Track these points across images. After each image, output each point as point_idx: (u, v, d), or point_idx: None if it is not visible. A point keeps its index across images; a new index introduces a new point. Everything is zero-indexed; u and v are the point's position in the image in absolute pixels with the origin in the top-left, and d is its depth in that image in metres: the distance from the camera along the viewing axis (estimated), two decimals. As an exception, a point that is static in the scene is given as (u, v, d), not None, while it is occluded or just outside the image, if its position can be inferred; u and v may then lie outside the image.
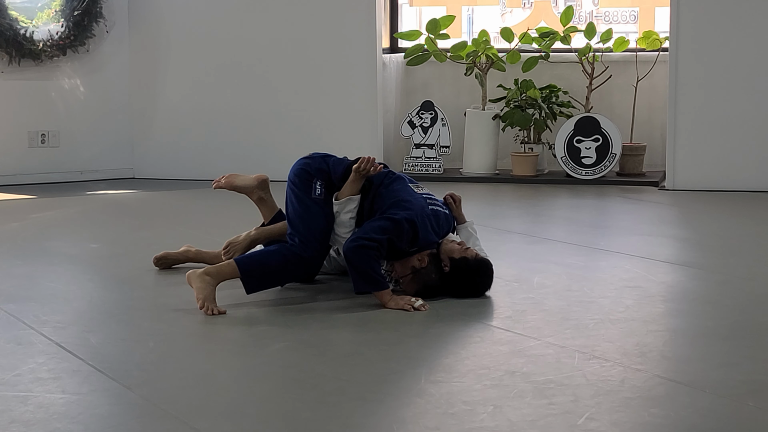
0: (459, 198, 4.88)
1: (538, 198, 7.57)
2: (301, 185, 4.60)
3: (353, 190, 4.55)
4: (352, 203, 4.54)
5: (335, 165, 4.65)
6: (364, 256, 4.35)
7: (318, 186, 4.58)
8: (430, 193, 4.74)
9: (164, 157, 8.58)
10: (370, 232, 4.40)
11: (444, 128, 8.49)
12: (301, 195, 4.58)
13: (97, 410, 3.25)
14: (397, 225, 4.40)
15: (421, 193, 4.66)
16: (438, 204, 4.70)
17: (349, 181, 4.56)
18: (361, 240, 4.37)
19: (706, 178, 7.74)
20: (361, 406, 3.27)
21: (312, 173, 4.61)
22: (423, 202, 4.59)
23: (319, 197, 4.57)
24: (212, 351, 3.93)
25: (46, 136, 8.33)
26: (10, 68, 8.07)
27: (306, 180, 4.60)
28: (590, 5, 9.41)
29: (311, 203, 4.56)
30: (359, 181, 4.56)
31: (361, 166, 4.52)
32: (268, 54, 8.37)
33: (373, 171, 4.55)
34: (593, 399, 3.28)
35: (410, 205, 4.50)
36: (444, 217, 4.67)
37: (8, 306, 4.45)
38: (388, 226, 4.40)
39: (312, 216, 4.54)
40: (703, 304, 4.54)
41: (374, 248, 4.36)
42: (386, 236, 4.38)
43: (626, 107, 8.44)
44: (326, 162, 4.66)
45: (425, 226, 4.49)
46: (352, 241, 4.39)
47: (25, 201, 7.52)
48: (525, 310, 4.37)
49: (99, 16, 8.28)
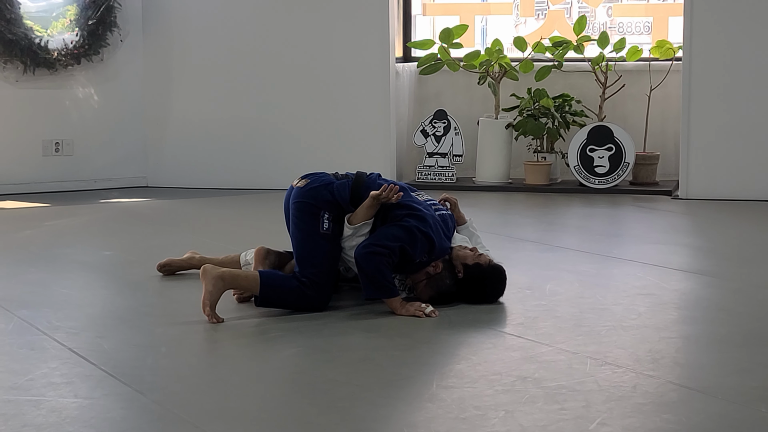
0: (455, 200, 4.86)
1: (551, 207, 7.57)
2: (309, 220, 4.47)
3: (368, 215, 4.47)
4: (367, 227, 4.48)
5: (339, 191, 4.51)
6: (376, 262, 4.34)
7: (326, 220, 4.45)
8: (431, 198, 4.75)
9: (177, 166, 8.60)
10: (383, 239, 4.38)
11: (457, 137, 8.49)
12: (308, 231, 4.46)
13: (109, 414, 3.26)
14: (411, 233, 4.39)
15: (425, 201, 4.66)
16: (440, 208, 4.71)
17: (366, 207, 4.46)
18: (373, 246, 4.35)
19: (720, 187, 7.72)
20: (372, 411, 3.27)
21: (318, 206, 4.48)
22: (430, 209, 4.59)
23: (327, 232, 4.45)
24: (224, 356, 3.94)
25: (60, 144, 8.36)
26: (24, 77, 8.11)
27: (312, 214, 4.47)
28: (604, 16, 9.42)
29: (321, 241, 4.44)
30: (376, 207, 4.47)
31: (383, 194, 4.42)
32: (282, 63, 8.39)
33: (394, 200, 4.46)
34: (605, 405, 3.27)
35: (422, 214, 4.48)
36: (450, 219, 4.69)
37: (22, 312, 4.47)
38: (401, 234, 4.39)
39: (323, 258, 4.44)
40: (716, 312, 4.53)
41: (386, 255, 4.33)
42: (399, 244, 4.36)
43: (639, 116, 8.43)
44: (329, 191, 4.51)
45: (438, 234, 4.49)
46: (364, 247, 4.37)
47: (39, 209, 7.55)
48: (537, 317, 4.37)
49: (113, 25, 8.31)
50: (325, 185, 4.54)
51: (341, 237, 4.49)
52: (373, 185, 4.55)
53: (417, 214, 4.47)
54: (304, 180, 4.60)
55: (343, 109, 8.36)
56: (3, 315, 4.43)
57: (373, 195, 4.43)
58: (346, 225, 4.48)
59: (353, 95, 8.34)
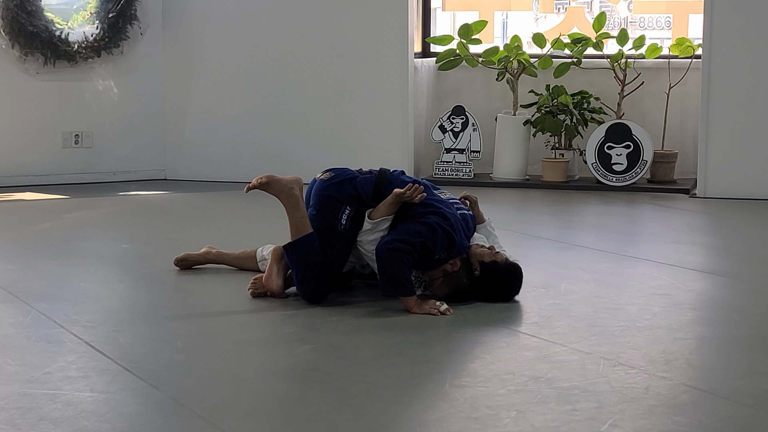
0: (475, 198, 4.88)
1: (568, 204, 7.56)
2: (328, 216, 4.52)
3: (389, 211, 4.50)
4: (386, 223, 4.50)
5: (363, 185, 4.56)
6: (396, 259, 4.35)
7: (345, 216, 4.50)
8: (453, 197, 4.76)
9: (196, 159, 8.63)
10: (405, 234, 4.40)
11: (475, 133, 8.49)
12: (325, 227, 4.50)
13: (124, 409, 3.28)
14: (432, 229, 4.41)
15: (447, 199, 4.68)
16: (462, 207, 4.72)
17: (388, 203, 4.49)
18: (395, 242, 4.37)
19: (738, 186, 7.69)
20: (385, 410, 3.28)
21: (340, 199, 4.52)
22: (452, 207, 4.61)
23: (344, 229, 4.50)
24: (239, 352, 3.96)
25: (80, 136, 8.41)
26: (45, 69, 8.15)
27: (332, 210, 4.52)
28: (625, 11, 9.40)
29: (333, 239, 4.49)
30: (398, 205, 4.50)
31: (407, 193, 4.46)
32: (301, 57, 8.40)
33: (417, 200, 4.48)
34: (617, 406, 3.28)
35: (443, 211, 4.50)
36: (471, 219, 4.70)
37: (39, 305, 4.50)
38: (422, 231, 4.41)
39: (333, 256, 4.49)
40: (731, 313, 4.52)
41: (407, 252, 4.35)
42: (420, 240, 4.38)
43: (658, 114, 8.41)
44: (353, 185, 4.56)
45: (459, 232, 4.51)
46: (386, 243, 4.38)
47: (58, 201, 7.59)
48: (552, 316, 4.38)
49: (133, 18, 8.35)
50: (349, 180, 4.58)
51: (360, 231, 4.52)
52: (397, 182, 4.58)
53: (438, 211, 4.49)
54: (329, 173, 4.64)
55: (361, 104, 8.37)
56: (21, 307, 4.47)
57: (397, 193, 4.47)
58: (366, 219, 4.51)
59: (372, 90, 8.35)
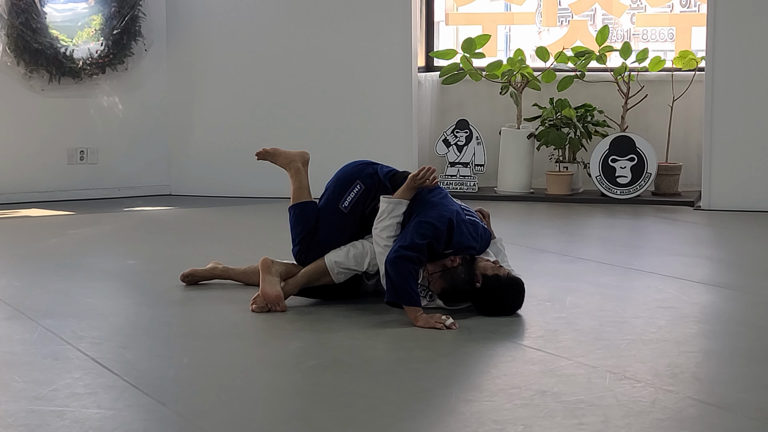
0: (488, 213, 4.94)
1: (573, 217, 7.57)
2: (338, 191, 4.80)
3: (405, 196, 4.65)
4: (402, 207, 4.62)
5: (383, 167, 4.85)
6: (403, 270, 4.41)
7: (351, 197, 4.76)
8: (468, 207, 4.81)
9: (201, 174, 8.65)
10: (410, 237, 4.47)
11: (479, 147, 8.51)
12: (331, 199, 4.80)
13: (131, 425, 3.29)
14: (435, 227, 4.50)
15: (459, 204, 4.76)
16: (474, 216, 4.76)
17: (403, 188, 4.67)
18: (403, 251, 4.43)
19: (742, 198, 7.70)
20: (392, 424, 3.29)
21: (358, 176, 4.79)
22: (459, 209, 4.68)
23: (344, 209, 4.75)
24: (246, 368, 3.97)
25: (85, 152, 8.43)
26: (50, 86, 8.18)
27: (345, 186, 4.80)
28: (628, 24, 9.41)
29: (332, 216, 4.76)
30: (413, 190, 4.66)
31: (420, 174, 4.63)
32: (305, 72, 8.42)
33: (429, 183, 4.65)
34: (623, 420, 3.28)
35: (445, 210, 4.59)
36: (483, 231, 4.73)
37: (46, 321, 4.51)
38: (427, 231, 4.49)
39: (325, 230, 4.75)
40: (736, 326, 4.53)
41: (415, 260, 4.43)
42: (426, 241, 4.46)
43: (662, 127, 8.43)
44: (374, 167, 4.85)
45: (460, 229, 4.57)
46: (394, 251, 4.46)
47: (63, 217, 7.61)
48: (557, 330, 4.38)
49: (138, 34, 8.38)
50: (371, 163, 4.90)
51: (360, 218, 4.73)
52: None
53: (441, 208, 4.59)
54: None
55: (365, 118, 8.39)
56: (27, 324, 4.48)
57: (412, 175, 4.66)
58: (382, 200, 4.65)
59: (376, 104, 8.37)
